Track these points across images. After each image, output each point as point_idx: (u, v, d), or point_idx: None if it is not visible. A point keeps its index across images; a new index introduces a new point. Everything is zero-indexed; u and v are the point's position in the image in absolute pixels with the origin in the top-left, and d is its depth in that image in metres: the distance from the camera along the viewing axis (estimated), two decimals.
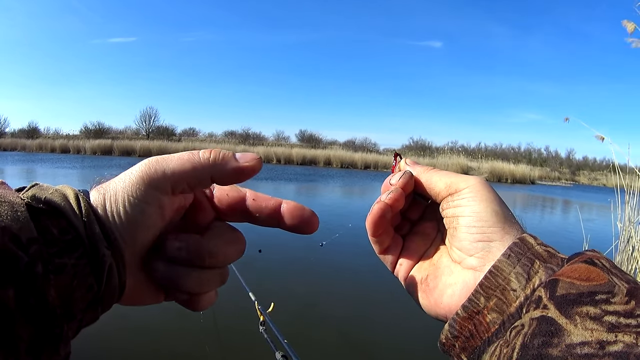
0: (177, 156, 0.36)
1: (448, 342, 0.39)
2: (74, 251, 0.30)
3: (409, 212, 0.49)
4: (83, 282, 0.31)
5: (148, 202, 0.35)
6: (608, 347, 0.28)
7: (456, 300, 0.39)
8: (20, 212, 0.29)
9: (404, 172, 0.46)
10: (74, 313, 0.30)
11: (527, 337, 0.32)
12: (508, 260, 0.37)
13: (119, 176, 0.36)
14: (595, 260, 0.34)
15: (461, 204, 0.42)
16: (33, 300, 0.27)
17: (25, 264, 0.27)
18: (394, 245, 0.47)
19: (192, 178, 0.36)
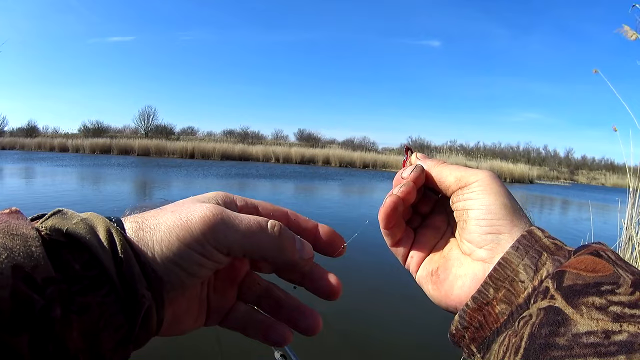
0: (246, 223, 0.35)
1: (458, 332, 0.39)
2: (99, 288, 0.28)
3: (420, 206, 0.49)
4: (111, 321, 0.28)
5: (207, 257, 0.34)
6: (613, 337, 0.29)
7: (466, 291, 0.40)
8: (35, 247, 0.26)
9: (415, 165, 0.46)
10: (102, 354, 0.28)
11: (535, 327, 0.32)
12: (516, 253, 0.38)
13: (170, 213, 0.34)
14: (601, 252, 0.35)
15: (471, 197, 0.42)
16: (51, 348, 0.25)
17: (40, 307, 0.24)
18: (405, 238, 0.47)
19: (253, 253, 0.36)
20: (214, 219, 0.33)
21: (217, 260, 0.34)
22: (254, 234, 0.35)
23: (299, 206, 10.73)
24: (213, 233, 0.33)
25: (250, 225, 0.35)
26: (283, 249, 0.37)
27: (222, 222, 0.34)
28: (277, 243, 0.36)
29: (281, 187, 15.07)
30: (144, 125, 45.05)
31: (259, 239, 0.35)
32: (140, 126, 45.38)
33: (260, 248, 0.36)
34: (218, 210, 0.34)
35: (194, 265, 0.33)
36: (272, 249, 0.36)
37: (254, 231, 0.35)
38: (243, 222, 0.35)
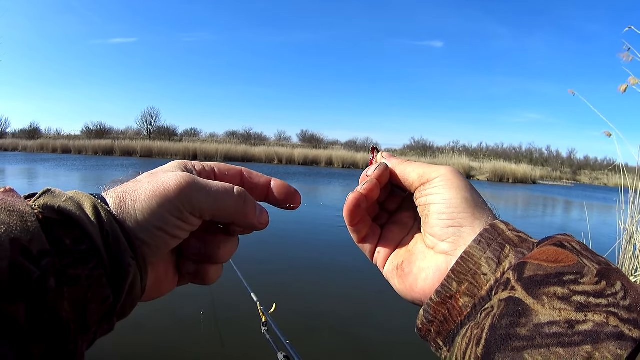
0: (215, 188, 0.38)
1: (424, 327, 0.40)
2: (88, 262, 0.30)
3: (387, 204, 0.51)
4: (98, 293, 0.30)
5: (184, 221, 0.36)
6: (577, 327, 0.28)
7: (429, 284, 0.41)
8: (31, 223, 0.28)
9: (379, 164, 0.48)
10: (88, 325, 0.30)
11: (496, 318, 0.32)
12: (479, 246, 0.38)
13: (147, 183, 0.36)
14: (564, 243, 0.35)
15: (433, 192, 0.43)
16: (45, 316, 0.26)
17: (36, 278, 0.26)
18: (371, 234, 0.49)
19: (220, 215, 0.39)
20: (187, 185, 0.36)
21: (192, 223, 0.37)
22: (222, 199, 0.38)
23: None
24: (187, 198, 0.36)
25: (218, 190, 0.38)
26: (246, 214, 0.40)
27: (194, 188, 0.37)
28: (241, 208, 0.40)
29: None
30: (147, 127, 45.15)
31: (226, 204, 0.38)
32: (142, 127, 45.52)
33: (227, 212, 0.39)
34: (190, 178, 0.37)
35: (175, 228, 0.36)
36: (237, 214, 0.40)
37: (222, 196, 0.38)
38: (213, 187, 0.38)
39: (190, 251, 0.41)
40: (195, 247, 0.41)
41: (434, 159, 35.54)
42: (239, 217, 0.40)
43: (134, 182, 0.37)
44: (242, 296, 2.82)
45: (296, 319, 3.66)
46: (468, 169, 30.94)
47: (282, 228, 7.01)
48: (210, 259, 0.42)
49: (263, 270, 4.73)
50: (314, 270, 5.34)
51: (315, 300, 4.31)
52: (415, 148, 46.09)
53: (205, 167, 0.43)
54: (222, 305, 3.86)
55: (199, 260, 0.42)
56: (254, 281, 3.03)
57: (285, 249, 5.94)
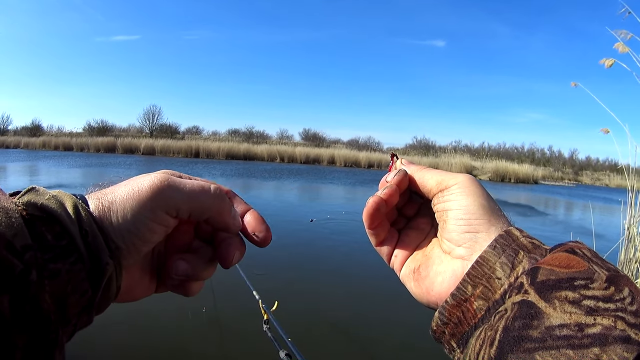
0: (190, 186, 0.39)
1: (438, 329, 0.41)
2: (68, 256, 0.31)
3: (405, 209, 0.52)
4: (77, 287, 0.31)
5: (157, 222, 0.37)
6: (587, 330, 0.29)
7: (446, 287, 0.42)
8: (15, 219, 0.29)
9: (399, 170, 0.49)
10: (68, 317, 0.31)
11: (509, 320, 0.33)
12: (494, 251, 0.39)
13: (124, 186, 0.37)
14: (576, 250, 0.36)
15: (450, 199, 0.44)
16: (28, 307, 0.27)
17: (19, 271, 0.27)
18: (389, 238, 0.50)
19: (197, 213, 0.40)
20: (161, 184, 0.37)
21: (166, 223, 0.38)
22: (198, 195, 0.39)
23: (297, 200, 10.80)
24: (162, 197, 0.37)
25: (194, 187, 0.39)
26: (222, 211, 0.41)
27: (168, 186, 0.37)
28: (218, 204, 0.40)
29: (285, 185, 15.09)
30: (149, 125, 45.18)
31: (203, 199, 0.39)
32: (145, 125, 45.54)
33: (204, 208, 0.40)
34: (165, 177, 0.38)
35: (147, 232, 0.37)
36: (214, 210, 0.40)
37: (198, 193, 0.39)
38: (188, 185, 0.39)
39: (177, 272, 0.41)
40: (182, 269, 0.41)
41: (436, 158, 35.46)
42: (216, 214, 0.41)
43: (113, 187, 0.38)
44: (244, 294, 2.83)
45: (298, 317, 3.68)
46: (470, 169, 30.83)
47: (283, 227, 7.02)
48: (195, 279, 0.43)
49: (265, 268, 4.73)
50: (315, 268, 5.37)
51: (317, 298, 4.33)
52: (418, 147, 46.04)
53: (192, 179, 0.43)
54: (224, 302, 3.88)
55: (184, 280, 0.43)
56: (256, 279, 3.05)
57: (287, 247, 5.95)
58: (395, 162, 0.53)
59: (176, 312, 3.65)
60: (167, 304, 3.74)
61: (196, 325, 3.46)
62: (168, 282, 0.43)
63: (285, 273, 5.00)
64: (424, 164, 0.49)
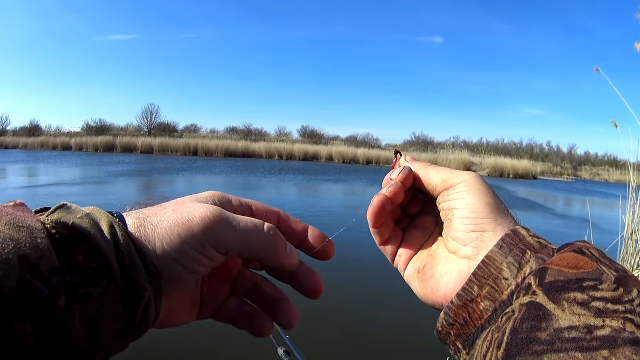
0: (243, 224, 0.37)
1: (444, 329, 0.40)
2: (101, 280, 0.29)
3: (408, 207, 0.51)
4: (111, 312, 0.29)
5: (204, 256, 0.35)
6: (595, 332, 0.29)
7: (451, 288, 0.41)
8: (41, 239, 0.27)
9: (403, 167, 0.48)
10: (101, 343, 0.29)
11: (517, 322, 0.32)
12: (500, 251, 0.38)
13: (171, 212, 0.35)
14: (584, 250, 0.36)
15: (456, 197, 0.43)
16: (55, 335, 0.25)
17: (45, 297, 0.25)
18: (393, 237, 0.49)
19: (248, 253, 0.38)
20: (213, 219, 0.35)
21: (214, 259, 0.36)
22: (250, 235, 0.37)
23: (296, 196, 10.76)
24: (213, 233, 0.35)
25: (247, 226, 0.37)
26: (275, 251, 0.39)
27: (221, 222, 0.35)
28: (271, 245, 0.38)
29: (285, 182, 15.07)
30: (147, 123, 45.13)
31: (255, 240, 0.37)
32: (143, 124, 45.48)
33: (255, 249, 0.38)
34: (218, 212, 0.36)
35: (193, 263, 0.35)
36: (266, 251, 0.38)
37: (250, 232, 0.37)
38: (241, 223, 0.37)
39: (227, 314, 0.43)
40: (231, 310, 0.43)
41: (435, 154, 35.46)
42: (268, 254, 0.39)
43: (157, 207, 0.36)
44: None
45: None
46: (468, 164, 30.86)
47: None
48: None
49: None
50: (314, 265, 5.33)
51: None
52: (416, 143, 46.01)
53: (242, 203, 0.42)
54: None
55: None
56: None
57: None
58: (399, 159, 0.52)
59: None
60: None
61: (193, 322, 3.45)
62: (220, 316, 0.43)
63: None
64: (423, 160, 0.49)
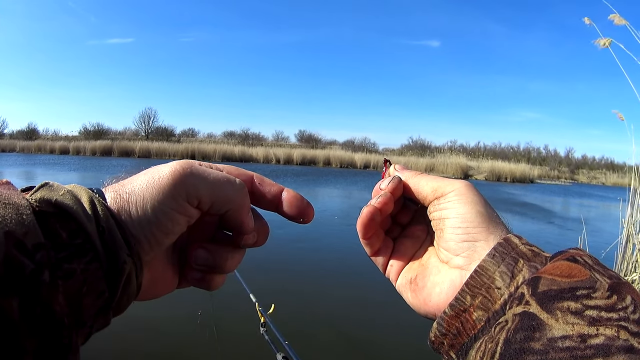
0: (214, 175, 0.37)
1: (437, 339, 0.40)
2: (84, 255, 0.29)
3: (399, 216, 0.50)
4: (94, 287, 0.30)
5: (178, 212, 0.35)
6: (589, 340, 0.29)
7: (444, 298, 0.41)
8: (26, 216, 0.27)
9: (393, 177, 0.47)
10: (84, 320, 0.29)
11: (510, 332, 0.32)
12: (493, 260, 0.38)
13: (143, 177, 0.36)
14: (577, 258, 0.35)
15: (447, 207, 0.43)
16: (39, 310, 0.25)
17: (30, 271, 0.25)
18: (384, 247, 0.48)
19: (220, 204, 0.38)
20: (183, 172, 0.35)
21: (188, 213, 0.36)
22: (222, 186, 0.37)
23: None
24: (183, 185, 0.35)
25: (218, 177, 0.37)
26: (242, 207, 0.39)
27: (191, 174, 0.36)
28: (240, 198, 0.39)
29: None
30: (145, 127, 45.11)
31: (226, 191, 0.38)
32: (140, 128, 45.45)
33: (226, 201, 0.38)
34: (187, 164, 0.36)
35: (168, 222, 0.35)
36: (236, 203, 0.39)
37: (222, 183, 0.37)
38: (212, 174, 0.37)
39: (197, 262, 0.40)
40: (202, 258, 0.40)
41: (432, 158, 35.46)
42: (236, 208, 0.39)
43: (131, 177, 0.37)
44: (241, 297, 2.80)
45: (295, 320, 3.65)
46: (466, 169, 30.93)
47: (280, 229, 7.01)
48: (217, 270, 0.41)
49: (262, 270, 4.71)
50: (313, 271, 5.35)
51: (314, 301, 4.31)
52: (413, 148, 46.12)
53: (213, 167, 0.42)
54: (221, 305, 3.85)
55: (206, 270, 0.41)
56: (253, 282, 3.02)
57: (284, 249, 5.93)
58: (389, 168, 0.51)
59: (172, 316, 3.62)
60: (164, 306, 3.72)
61: (192, 328, 3.44)
62: (189, 274, 0.41)
63: (282, 276, 4.98)
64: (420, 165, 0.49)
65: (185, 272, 0.41)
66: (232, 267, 0.42)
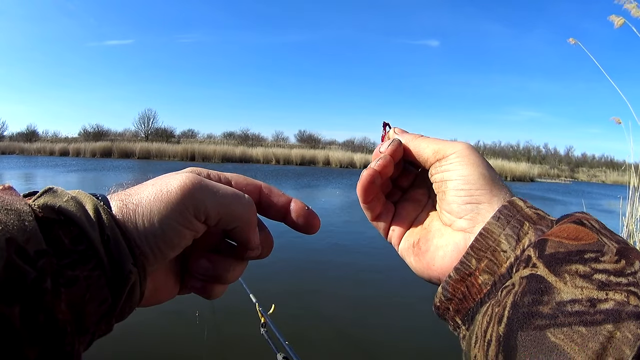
0: (223, 191, 0.37)
1: (442, 305, 0.39)
2: (87, 262, 0.29)
3: (400, 180, 0.50)
4: (96, 295, 0.29)
5: (185, 227, 0.35)
6: (599, 305, 0.28)
7: (447, 261, 0.40)
8: (28, 222, 0.27)
9: (392, 140, 0.46)
10: (86, 327, 0.29)
11: (517, 296, 0.32)
12: (497, 223, 0.37)
13: (151, 187, 0.35)
14: (584, 221, 0.35)
15: (449, 169, 0.42)
16: (41, 318, 0.25)
17: (32, 279, 0.25)
18: (385, 212, 0.48)
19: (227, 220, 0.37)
20: (192, 186, 0.35)
21: (195, 228, 0.35)
22: (230, 203, 0.37)
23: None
24: (192, 200, 0.34)
25: (227, 192, 0.37)
26: (249, 223, 0.39)
27: (200, 189, 0.35)
28: (247, 215, 0.38)
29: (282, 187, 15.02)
30: (144, 128, 45.14)
31: (234, 207, 0.37)
32: (140, 129, 45.50)
33: (234, 218, 0.37)
34: (197, 179, 0.36)
35: (174, 236, 0.34)
36: (242, 220, 0.38)
37: (230, 199, 0.37)
38: (220, 190, 0.36)
39: (199, 271, 0.40)
40: (204, 268, 0.40)
41: None
42: (243, 225, 0.38)
43: (138, 186, 0.36)
44: (241, 297, 2.80)
45: (295, 320, 3.65)
46: None
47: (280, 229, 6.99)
48: (218, 280, 0.41)
49: (262, 271, 4.71)
50: (313, 271, 5.35)
51: (314, 301, 4.31)
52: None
53: (222, 177, 0.42)
54: (221, 306, 3.85)
55: (206, 280, 0.41)
56: (253, 282, 3.01)
57: (283, 250, 5.92)
58: (388, 131, 0.50)
59: (172, 316, 3.62)
60: (164, 307, 3.71)
61: (193, 329, 3.43)
62: (190, 283, 0.41)
63: (282, 276, 4.97)
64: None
65: (186, 280, 0.41)
66: (234, 278, 0.42)
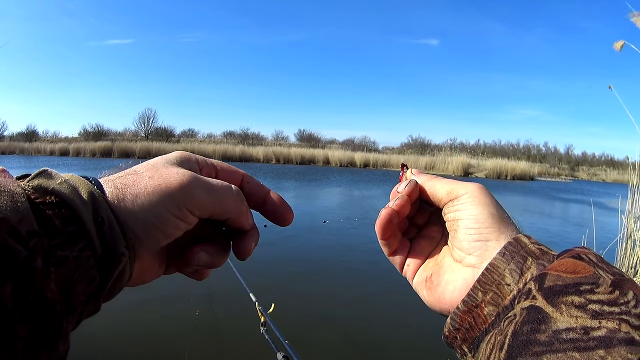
0: (217, 187, 0.39)
1: (451, 334, 0.42)
2: (76, 243, 0.30)
3: (416, 218, 0.53)
4: (85, 275, 0.30)
5: (181, 219, 0.37)
6: (592, 332, 0.31)
7: (457, 295, 0.43)
8: (21, 203, 0.28)
9: (410, 180, 0.50)
10: (74, 306, 0.30)
11: (518, 325, 0.34)
12: (503, 258, 0.40)
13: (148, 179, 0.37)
14: (582, 255, 0.37)
15: (461, 209, 0.45)
16: (32, 296, 0.26)
17: (23, 258, 0.26)
18: (401, 247, 0.51)
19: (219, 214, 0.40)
20: (189, 184, 0.37)
21: (189, 221, 0.38)
22: (221, 198, 0.39)
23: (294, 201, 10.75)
24: (189, 197, 0.37)
25: (219, 188, 0.39)
26: (241, 213, 0.42)
27: (196, 187, 0.37)
28: (238, 207, 0.41)
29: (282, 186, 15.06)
30: (144, 128, 45.11)
31: (225, 202, 0.40)
32: (140, 129, 45.45)
33: (226, 210, 0.40)
34: (194, 177, 0.38)
35: (171, 228, 0.37)
36: (234, 212, 0.41)
37: (221, 195, 0.39)
38: (214, 186, 0.39)
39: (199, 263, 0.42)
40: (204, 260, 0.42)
41: (432, 157, 35.42)
42: (235, 215, 0.41)
43: (134, 175, 0.37)
44: (241, 296, 2.81)
45: (295, 319, 3.66)
46: (467, 167, 30.94)
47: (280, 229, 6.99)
48: (212, 267, 0.44)
49: (262, 270, 4.72)
50: (313, 270, 5.35)
51: (314, 300, 4.31)
52: (413, 146, 46.06)
53: (208, 163, 0.44)
54: (221, 305, 3.85)
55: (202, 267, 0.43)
56: (253, 281, 3.01)
57: (283, 249, 5.93)
58: (406, 172, 0.53)
59: (173, 315, 3.62)
60: (163, 307, 3.72)
61: (193, 328, 3.43)
62: (186, 269, 0.43)
63: (282, 275, 4.98)
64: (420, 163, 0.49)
65: (181, 267, 0.43)
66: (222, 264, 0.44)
